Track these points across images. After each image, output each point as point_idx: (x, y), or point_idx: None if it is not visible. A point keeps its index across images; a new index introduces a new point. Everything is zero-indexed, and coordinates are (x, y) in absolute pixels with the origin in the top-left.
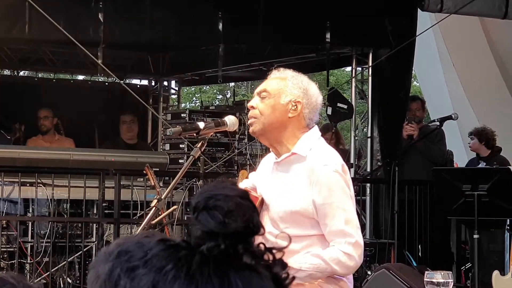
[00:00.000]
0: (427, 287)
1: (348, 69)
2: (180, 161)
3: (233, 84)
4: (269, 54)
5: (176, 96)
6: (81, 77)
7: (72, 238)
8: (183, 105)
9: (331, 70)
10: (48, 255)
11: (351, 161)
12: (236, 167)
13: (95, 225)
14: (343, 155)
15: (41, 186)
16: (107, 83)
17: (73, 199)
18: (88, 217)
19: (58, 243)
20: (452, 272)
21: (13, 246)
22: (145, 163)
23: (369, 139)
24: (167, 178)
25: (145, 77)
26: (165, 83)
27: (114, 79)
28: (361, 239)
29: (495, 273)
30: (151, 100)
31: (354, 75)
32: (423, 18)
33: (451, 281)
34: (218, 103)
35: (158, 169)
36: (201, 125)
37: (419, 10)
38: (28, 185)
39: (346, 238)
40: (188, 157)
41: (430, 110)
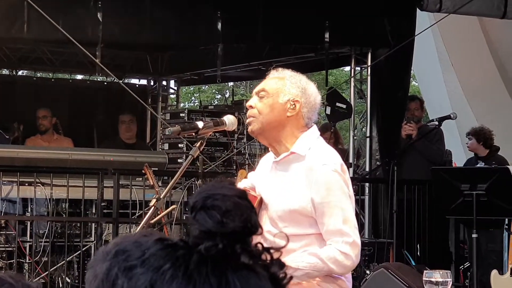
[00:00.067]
0: (426, 286)
1: (347, 68)
2: (179, 160)
3: (232, 83)
4: (268, 53)
5: (175, 95)
6: (79, 77)
7: (71, 238)
8: (182, 104)
9: (330, 69)
10: (47, 254)
11: (350, 160)
12: (235, 166)
13: (94, 224)
14: (342, 155)
15: (39, 186)
16: (106, 83)
17: (72, 198)
18: (87, 216)
19: (57, 243)
20: (450, 272)
21: (12, 245)
22: (144, 162)
23: (368, 139)
24: (166, 178)
25: (144, 77)
26: (164, 82)
27: (113, 78)
28: (359, 239)
29: (494, 272)
30: (150, 99)
31: (353, 75)
32: (422, 18)
33: (449, 281)
34: (217, 102)
35: (157, 169)
36: (200, 124)
37: (418, 10)
38: (26, 184)
39: (344, 238)
40: (187, 156)
41: (429, 109)
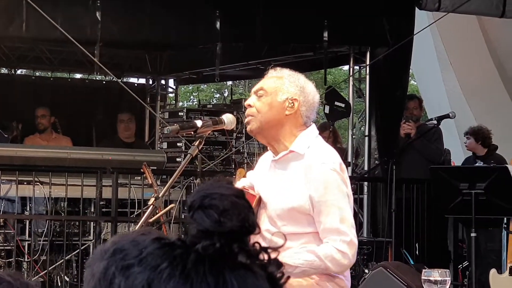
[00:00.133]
0: (425, 285)
1: (346, 67)
2: (178, 159)
3: (230, 82)
4: (266, 52)
5: (174, 94)
6: (78, 76)
7: (70, 237)
8: (180, 103)
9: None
10: (46, 253)
11: (349, 159)
12: (233, 165)
13: (92, 223)
14: (340, 154)
15: (38, 185)
16: (104, 82)
17: (71, 197)
18: (85, 215)
19: (56, 242)
20: (449, 271)
21: (11, 244)
22: (142, 161)
23: (366, 138)
24: (164, 177)
25: (143, 76)
26: (163, 81)
27: (112, 77)
28: (356, 238)
29: (492, 271)
30: (148, 98)
31: (351, 74)
32: (420, 17)
33: (448, 279)
34: (215, 101)
35: (155, 168)
36: (199, 123)
37: (416, 9)
38: (25, 183)
39: (341, 236)
40: (186, 155)
41: (428, 108)
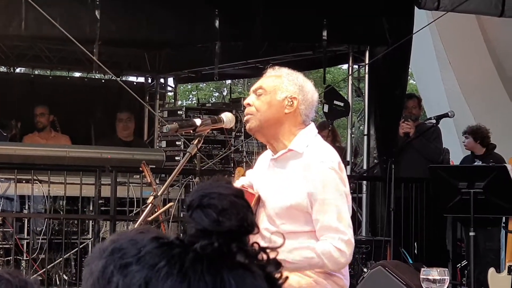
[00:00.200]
0: (423, 284)
1: (345, 66)
2: (177, 158)
3: (229, 81)
4: (265, 51)
5: (173, 93)
6: (77, 74)
7: (68, 235)
8: (179, 102)
9: (328, 67)
10: (44, 252)
11: (348, 158)
12: (232, 164)
13: (91, 222)
14: (339, 153)
15: (37, 183)
16: (103, 80)
17: (69, 196)
18: (84, 214)
19: (54, 240)
20: (448, 270)
21: (9, 243)
22: (141, 160)
23: (365, 137)
24: (163, 175)
25: (142, 74)
26: (162, 80)
27: (111, 76)
28: (353, 237)
29: (491, 270)
30: (147, 97)
31: (350, 73)
32: (419, 16)
33: (447, 278)
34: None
35: (154, 166)
36: (198, 122)
37: (416, 8)
38: (24, 182)
39: (339, 235)
40: (185, 154)
41: (427, 108)
